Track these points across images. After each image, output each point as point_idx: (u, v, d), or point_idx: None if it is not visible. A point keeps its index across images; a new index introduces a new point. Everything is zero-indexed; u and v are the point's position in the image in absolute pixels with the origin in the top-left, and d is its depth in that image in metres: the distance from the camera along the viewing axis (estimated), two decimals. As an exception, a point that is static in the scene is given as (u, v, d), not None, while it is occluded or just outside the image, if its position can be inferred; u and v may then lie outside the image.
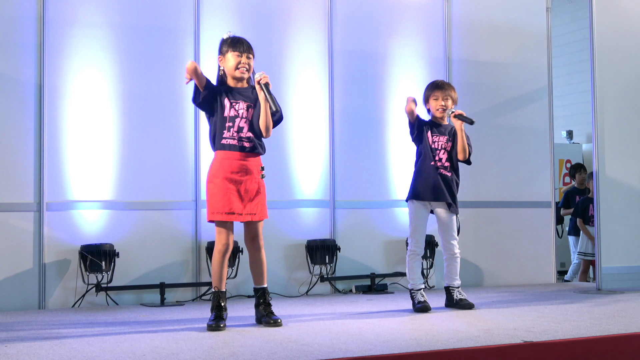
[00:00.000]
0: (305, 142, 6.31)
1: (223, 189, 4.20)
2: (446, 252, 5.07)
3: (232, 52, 4.27)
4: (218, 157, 4.27)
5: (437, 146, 5.03)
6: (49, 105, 5.50)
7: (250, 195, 4.25)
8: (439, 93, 5.08)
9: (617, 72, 6.42)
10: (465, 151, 5.01)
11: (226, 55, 4.29)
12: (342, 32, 6.51)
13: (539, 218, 7.12)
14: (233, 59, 4.27)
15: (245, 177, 4.23)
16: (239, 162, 4.23)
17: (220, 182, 4.21)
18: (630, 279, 6.27)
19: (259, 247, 4.36)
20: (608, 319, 4.47)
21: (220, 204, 4.19)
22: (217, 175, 4.23)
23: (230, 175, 4.21)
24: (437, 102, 5.07)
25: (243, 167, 4.24)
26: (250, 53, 4.30)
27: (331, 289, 6.31)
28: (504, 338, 3.77)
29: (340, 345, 3.62)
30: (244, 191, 4.23)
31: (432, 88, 5.13)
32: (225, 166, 4.22)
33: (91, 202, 5.59)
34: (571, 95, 10.91)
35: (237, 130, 4.25)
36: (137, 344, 3.70)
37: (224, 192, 4.19)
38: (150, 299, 5.66)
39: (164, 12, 5.93)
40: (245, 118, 4.27)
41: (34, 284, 5.41)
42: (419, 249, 5.02)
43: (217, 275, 4.25)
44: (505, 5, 7.16)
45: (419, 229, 5.01)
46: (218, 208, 4.19)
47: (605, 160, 6.29)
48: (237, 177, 4.22)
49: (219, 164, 4.25)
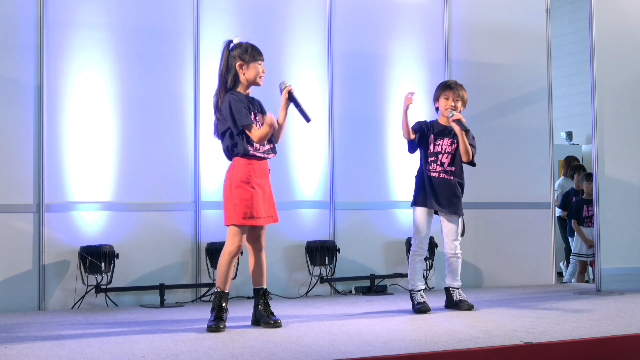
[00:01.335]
0: (305, 143, 6.31)
1: (252, 193, 4.23)
2: (448, 252, 5.07)
3: (256, 62, 4.33)
4: (241, 163, 4.26)
5: (441, 149, 5.01)
6: (49, 107, 5.50)
7: (269, 198, 4.35)
8: (449, 93, 5.05)
9: (616, 73, 6.42)
10: (468, 153, 4.99)
11: (250, 64, 4.32)
12: (342, 33, 6.52)
13: (539, 219, 7.12)
14: (255, 69, 4.33)
15: (265, 180, 4.33)
16: (261, 168, 4.31)
17: (248, 188, 4.23)
18: (629, 280, 6.27)
19: (261, 248, 4.40)
20: (607, 320, 4.47)
21: (250, 209, 4.21)
22: (243, 179, 4.23)
23: (255, 179, 4.25)
24: (448, 102, 5.04)
25: (264, 171, 4.33)
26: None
27: (331, 290, 6.31)
28: (504, 339, 3.77)
29: (340, 346, 3.62)
30: (267, 194, 4.33)
31: (444, 87, 5.10)
32: (249, 171, 4.25)
33: (91, 203, 5.59)
34: (571, 97, 10.92)
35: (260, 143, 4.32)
36: (137, 345, 3.70)
37: (253, 197, 4.23)
38: (149, 300, 5.66)
39: (164, 13, 5.93)
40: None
41: (33, 285, 5.41)
42: (422, 250, 5.02)
43: (224, 275, 4.24)
44: (505, 7, 7.17)
45: (422, 231, 5.00)
46: (247, 213, 4.21)
47: (604, 161, 6.30)
48: (261, 182, 4.28)
49: (242, 169, 4.25)
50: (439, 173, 5.00)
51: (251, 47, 4.35)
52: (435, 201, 4.96)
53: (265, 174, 4.33)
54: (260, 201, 4.25)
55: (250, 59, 4.31)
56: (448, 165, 5.01)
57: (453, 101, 5.03)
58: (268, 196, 4.34)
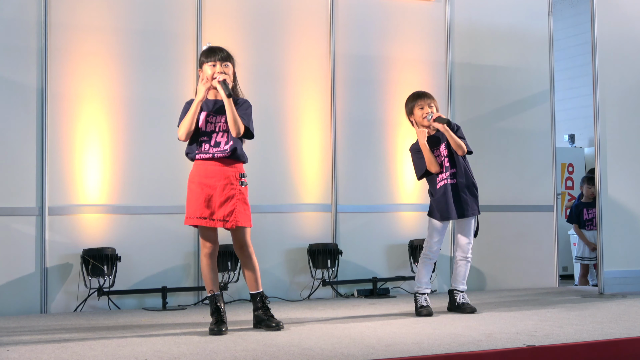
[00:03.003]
0: (307, 146, 6.31)
1: (195, 193, 4.19)
2: (459, 255, 5.06)
3: (206, 64, 4.25)
4: (195, 165, 4.28)
5: (441, 159, 5.00)
6: (52, 110, 5.51)
7: (221, 201, 4.18)
8: (422, 102, 5.01)
9: (618, 75, 6.42)
10: (461, 146, 4.93)
11: (203, 67, 4.27)
12: (344, 36, 6.52)
13: (541, 222, 7.11)
14: (209, 70, 4.24)
15: (219, 182, 4.18)
16: (212, 169, 4.21)
17: (194, 187, 4.21)
18: (632, 283, 6.27)
19: (249, 255, 4.32)
20: (610, 322, 4.46)
21: (192, 209, 4.19)
22: (192, 180, 4.24)
23: (204, 180, 4.19)
24: (423, 110, 5.00)
25: (219, 173, 4.20)
26: (226, 61, 4.25)
27: (333, 293, 6.31)
28: (506, 342, 3.77)
29: (342, 349, 3.62)
30: (216, 196, 4.18)
31: (415, 98, 5.05)
32: (201, 172, 4.22)
33: (93, 206, 5.60)
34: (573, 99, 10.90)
35: (214, 144, 4.22)
36: (139, 348, 3.70)
37: (196, 197, 4.19)
38: (152, 303, 5.66)
39: (166, 16, 5.94)
40: (222, 131, 4.24)
41: (36, 288, 5.41)
42: (433, 254, 5.01)
43: (208, 278, 4.26)
44: (507, 9, 7.17)
45: (435, 236, 5.00)
46: (191, 212, 4.20)
47: (607, 163, 6.30)
48: (211, 182, 4.19)
49: (195, 170, 4.26)
50: (447, 179, 4.98)
51: (207, 49, 4.29)
52: (450, 210, 4.93)
53: (218, 174, 4.19)
54: (202, 201, 4.16)
55: (202, 61, 4.27)
56: (451, 168, 5.00)
57: (428, 107, 5.00)
58: (222, 199, 4.17)
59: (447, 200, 4.93)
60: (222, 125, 4.24)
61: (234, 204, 4.18)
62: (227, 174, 4.21)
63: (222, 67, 4.23)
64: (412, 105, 5.04)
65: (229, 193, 4.19)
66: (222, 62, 4.24)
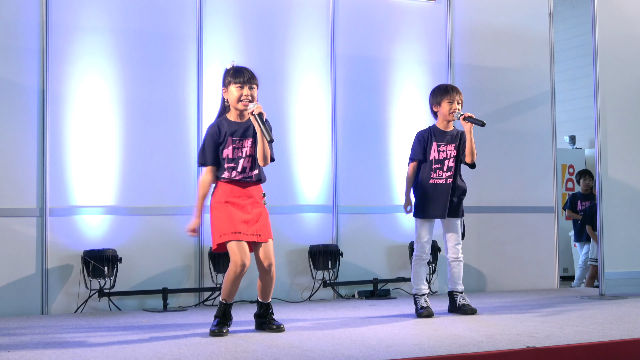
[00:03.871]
0: (308, 147, 6.31)
1: (227, 211, 4.17)
2: (450, 257, 5.06)
3: (234, 85, 4.21)
4: (218, 185, 4.28)
5: (446, 155, 4.99)
6: (52, 111, 5.51)
7: (253, 217, 4.20)
8: (452, 96, 5.01)
9: (619, 77, 6.42)
10: (473, 154, 4.95)
11: (229, 88, 4.24)
12: (345, 37, 6.52)
13: (542, 223, 7.11)
14: (235, 91, 4.21)
15: (247, 200, 4.22)
16: (239, 189, 4.22)
17: (223, 207, 4.19)
18: (633, 284, 6.26)
19: (267, 271, 4.25)
20: (611, 324, 4.46)
21: (226, 226, 4.15)
22: (219, 200, 4.22)
23: (232, 199, 4.19)
24: (452, 105, 5.00)
25: (245, 193, 4.23)
26: (252, 83, 4.23)
27: (334, 294, 6.30)
28: (507, 343, 3.77)
29: (343, 350, 3.62)
30: (247, 213, 4.20)
31: (445, 92, 5.04)
32: (227, 192, 4.21)
33: (94, 207, 5.60)
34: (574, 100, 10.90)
35: (241, 171, 4.22)
36: (140, 350, 3.70)
37: (227, 215, 4.16)
38: (152, 304, 5.66)
39: (167, 17, 5.94)
40: (248, 156, 4.23)
41: (36, 289, 5.41)
42: (425, 255, 5.01)
43: (228, 290, 4.19)
44: (508, 10, 7.17)
45: (424, 236, 5.00)
46: (224, 230, 4.15)
47: (608, 165, 6.29)
48: (240, 202, 4.20)
49: (221, 191, 4.24)
50: (445, 179, 4.98)
51: (234, 70, 4.25)
52: (438, 209, 4.95)
53: (248, 195, 4.22)
54: (235, 218, 4.15)
55: (229, 82, 4.23)
56: (453, 169, 5.00)
57: (456, 104, 5.02)
58: (254, 216, 4.20)
59: (439, 198, 4.94)
60: (248, 150, 4.24)
61: (264, 220, 4.24)
62: (252, 194, 4.25)
63: (248, 90, 4.21)
64: (442, 99, 5.03)
65: (258, 210, 4.24)
66: (249, 85, 4.22)
